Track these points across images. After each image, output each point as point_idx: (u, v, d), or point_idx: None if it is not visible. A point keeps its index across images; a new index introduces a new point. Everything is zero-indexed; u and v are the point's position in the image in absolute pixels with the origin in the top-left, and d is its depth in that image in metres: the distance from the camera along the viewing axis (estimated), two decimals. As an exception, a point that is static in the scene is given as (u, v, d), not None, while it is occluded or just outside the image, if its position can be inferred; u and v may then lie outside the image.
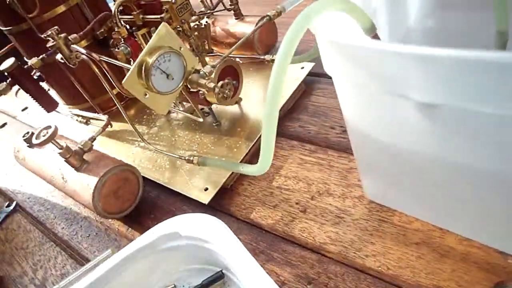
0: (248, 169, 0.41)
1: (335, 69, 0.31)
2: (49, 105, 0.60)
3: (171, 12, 0.51)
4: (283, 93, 0.61)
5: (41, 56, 0.56)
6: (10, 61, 0.54)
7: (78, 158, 0.51)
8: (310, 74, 0.64)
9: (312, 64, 0.65)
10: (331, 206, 0.46)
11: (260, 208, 0.50)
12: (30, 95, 0.58)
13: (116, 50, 0.52)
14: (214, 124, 0.61)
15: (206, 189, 0.52)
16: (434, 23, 0.44)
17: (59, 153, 0.49)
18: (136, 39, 0.55)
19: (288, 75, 0.65)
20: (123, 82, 0.41)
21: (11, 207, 0.65)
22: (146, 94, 0.43)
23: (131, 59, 0.55)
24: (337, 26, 0.32)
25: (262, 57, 0.63)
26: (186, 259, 0.42)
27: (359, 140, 0.38)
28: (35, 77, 0.62)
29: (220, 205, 0.51)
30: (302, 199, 0.48)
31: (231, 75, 0.57)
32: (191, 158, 0.50)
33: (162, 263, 0.43)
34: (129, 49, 0.53)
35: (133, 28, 0.56)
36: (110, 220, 0.56)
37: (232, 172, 0.53)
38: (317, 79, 0.66)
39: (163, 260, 0.42)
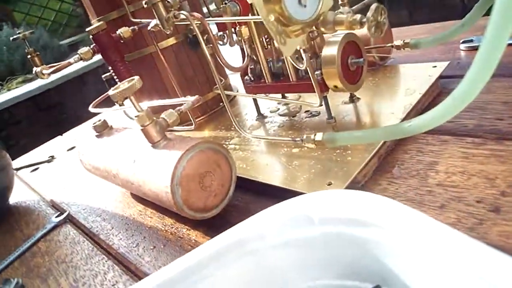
0: (428, 116, 0.26)
1: None
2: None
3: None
4: (415, 88, 0.47)
5: (132, 27, 0.48)
6: (98, 23, 0.45)
7: (159, 130, 0.38)
8: (443, 77, 0.50)
9: (446, 63, 0.52)
10: (543, 202, 0.29)
11: (418, 210, 0.33)
12: (111, 68, 0.49)
13: (223, 6, 0.42)
14: (327, 121, 0.47)
15: (329, 184, 0.36)
16: None
17: (135, 116, 0.37)
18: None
19: (416, 72, 0.52)
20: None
21: (61, 218, 0.52)
22: (270, 15, 0.31)
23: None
24: None
25: (396, 44, 0.50)
26: (319, 264, 0.26)
27: None
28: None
29: (350, 207, 0.35)
30: (486, 196, 0.31)
31: (354, 53, 0.44)
32: (312, 137, 0.36)
33: (275, 271, 0.26)
34: (238, 7, 0.43)
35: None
36: (184, 229, 0.41)
37: (366, 165, 0.37)
38: (452, 80, 0.51)
39: (276, 265, 0.26)
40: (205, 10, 0.67)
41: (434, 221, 0.22)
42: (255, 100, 0.54)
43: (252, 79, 0.52)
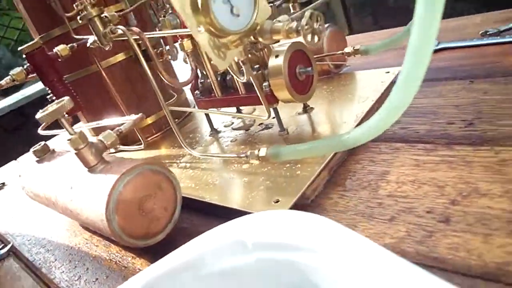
0: (364, 128, 0.24)
1: None
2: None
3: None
4: (368, 95, 0.46)
5: (70, 44, 0.45)
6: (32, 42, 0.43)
7: (95, 153, 0.36)
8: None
9: (398, 68, 0.52)
10: (492, 209, 0.28)
11: (367, 224, 0.31)
12: (48, 88, 0.46)
13: (162, 19, 0.40)
14: (279, 134, 0.45)
15: (276, 202, 0.34)
16: None
17: (68, 140, 0.34)
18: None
19: (369, 79, 0.51)
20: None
21: (4, 251, 0.48)
22: (199, 27, 0.29)
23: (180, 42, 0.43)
24: None
25: (346, 51, 0.49)
26: None
27: None
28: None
29: (300, 224, 0.33)
30: (436, 206, 0.30)
31: (302, 62, 0.43)
32: (256, 152, 0.34)
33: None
34: (178, 20, 0.41)
35: None
36: (129, 258, 0.38)
37: (314, 180, 0.36)
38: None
39: None
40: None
41: (373, 244, 0.21)
42: (207, 115, 0.52)
43: (203, 93, 0.50)
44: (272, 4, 0.47)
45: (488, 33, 0.57)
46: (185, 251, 0.25)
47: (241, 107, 0.54)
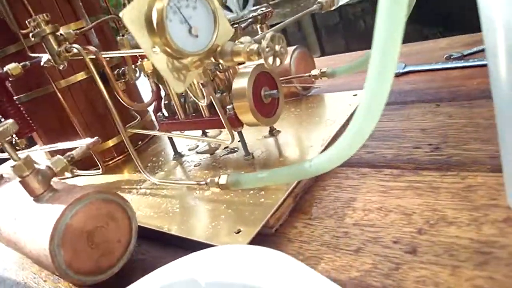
0: (326, 156, 0.23)
1: None
2: (23, 127, 0.44)
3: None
4: (335, 119, 0.45)
5: (23, 63, 0.42)
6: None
7: (42, 180, 0.33)
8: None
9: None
10: (460, 238, 0.27)
11: (332, 256, 0.30)
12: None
13: (120, 37, 0.38)
14: (245, 158, 0.43)
15: (238, 232, 0.32)
16: None
17: (12, 167, 0.31)
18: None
19: (337, 102, 0.50)
20: (121, 13, 0.25)
21: None
22: (154, 47, 0.27)
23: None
24: None
25: (313, 73, 0.48)
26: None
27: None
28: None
29: (263, 256, 0.31)
30: (403, 235, 0.29)
31: (267, 85, 0.42)
32: (216, 180, 0.32)
33: None
34: (135, 39, 0.39)
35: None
36: (81, 294, 0.35)
37: (278, 208, 0.34)
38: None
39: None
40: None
41: (330, 284, 0.19)
42: (170, 138, 0.50)
43: (166, 115, 0.48)
44: (237, 25, 0.46)
45: (452, 57, 0.57)
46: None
47: (206, 130, 0.52)
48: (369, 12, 2.52)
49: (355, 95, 0.51)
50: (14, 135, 0.43)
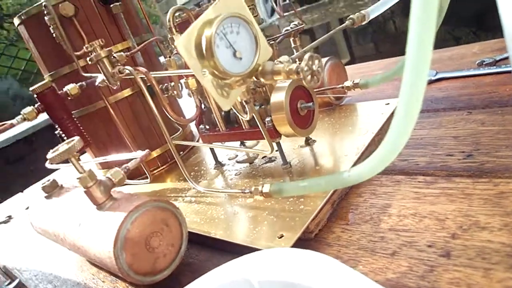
0: (364, 166, 0.25)
1: None
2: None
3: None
4: (368, 128, 0.47)
5: (80, 83, 0.47)
6: (42, 82, 0.45)
7: (104, 190, 0.37)
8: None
9: (397, 99, 0.53)
10: (492, 243, 0.28)
11: (369, 259, 0.32)
12: (58, 126, 0.47)
13: (167, 59, 0.42)
14: (283, 167, 0.46)
15: (281, 237, 0.35)
16: None
17: (77, 178, 0.35)
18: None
19: (370, 111, 0.52)
20: (176, 42, 0.29)
21: (11, 287, 0.49)
22: (203, 70, 0.31)
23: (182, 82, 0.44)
24: None
25: (346, 85, 0.50)
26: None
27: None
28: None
29: (304, 259, 0.33)
30: (437, 240, 0.31)
31: (303, 98, 0.45)
32: (260, 188, 0.35)
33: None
34: (183, 59, 0.42)
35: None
36: (138, 294, 0.39)
37: (317, 215, 0.36)
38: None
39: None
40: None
41: (373, 284, 0.21)
42: (211, 149, 0.54)
43: (208, 127, 0.52)
44: (273, 42, 0.49)
45: (484, 62, 0.58)
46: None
47: (245, 141, 0.55)
48: (398, 14, 2.50)
49: (388, 104, 0.53)
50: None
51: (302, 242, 0.35)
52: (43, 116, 0.51)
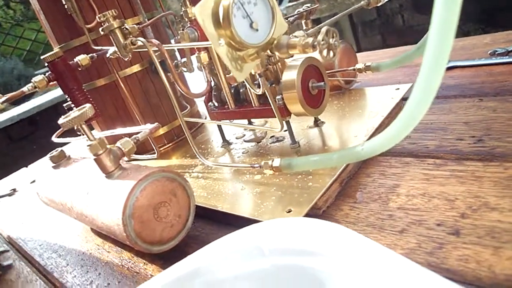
0: (378, 140, 0.25)
1: None
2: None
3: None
4: (378, 111, 0.47)
5: (91, 54, 0.46)
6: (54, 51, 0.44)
7: (113, 159, 0.37)
8: (406, 98, 0.51)
9: (408, 85, 0.53)
10: (502, 223, 0.28)
11: (378, 235, 0.32)
12: (68, 96, 0.47)
13: (181, 32, 0.42)
14: (291, 146, 0.46)
15: (289, 211, 0.35)
16: None
17: (88, 146, 0.35)
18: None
19: (380, 95, 0.52)
20: (193, 9, 0.29)
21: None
22: (220, 40, 0.30)
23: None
24: None
25: (357, 67, 0.50)
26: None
27: None
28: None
29: (311, 234, 0.34)
30: (446, 219, 0.31)
31: (315, 77, 0.44)
32: (270, 163, 0.35)
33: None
34: (196, 33, 0.42)
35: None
36: (141, 264, 0.39)
37: (326, 192, 0.36)
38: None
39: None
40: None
41: (387, 250, 0.21)
42: (219, 127, 0.53)
43: (216, 105, 0.52)
44: (287, 20, 0.49)
45: (496, 52, 0.58)
46: (202, 256, 0.26)
47: (252, 120, 0.55)
48: (407, 8, 2.47)
49: (397, 89, 0.52)
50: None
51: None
52: (47, 97, 0.51)
